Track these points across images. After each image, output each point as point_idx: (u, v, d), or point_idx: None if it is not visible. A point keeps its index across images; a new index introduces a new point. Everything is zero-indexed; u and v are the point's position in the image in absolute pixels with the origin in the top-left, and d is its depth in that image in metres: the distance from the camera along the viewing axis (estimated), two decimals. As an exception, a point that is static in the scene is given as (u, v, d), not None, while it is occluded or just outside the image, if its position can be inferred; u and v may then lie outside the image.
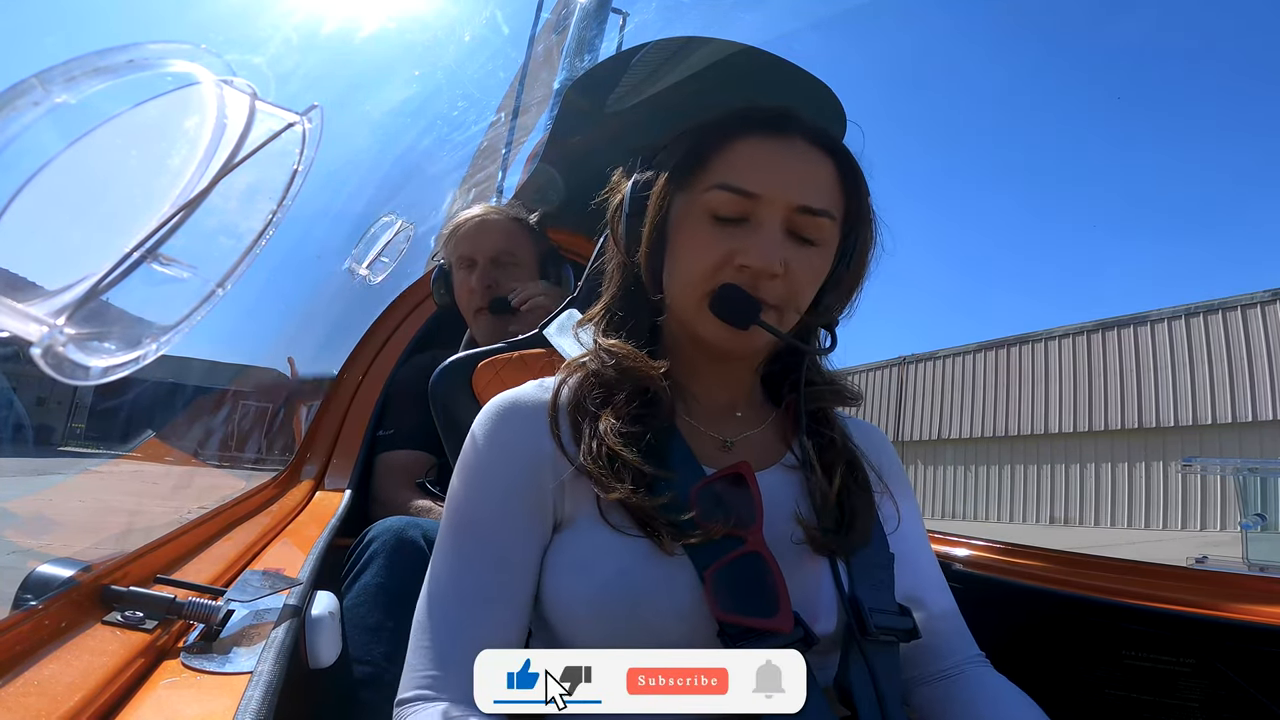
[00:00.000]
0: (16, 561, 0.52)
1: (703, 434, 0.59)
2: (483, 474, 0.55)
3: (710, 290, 0.55)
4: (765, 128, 0.56)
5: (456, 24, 1.49)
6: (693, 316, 0.57)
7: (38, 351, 0.29)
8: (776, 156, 0.55)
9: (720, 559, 0.50)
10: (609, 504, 0.52)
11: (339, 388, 1.32)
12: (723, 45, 0.65)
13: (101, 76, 0.34)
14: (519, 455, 0.55)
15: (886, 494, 0.62)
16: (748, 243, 0.54)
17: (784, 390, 0.64)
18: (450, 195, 1.65)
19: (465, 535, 0.54)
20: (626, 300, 0.61)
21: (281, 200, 0.36)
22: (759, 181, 0.54)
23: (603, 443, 0.53)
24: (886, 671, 0.52)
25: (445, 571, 0.53)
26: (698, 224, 0.56)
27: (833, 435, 0.61)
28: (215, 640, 0.52)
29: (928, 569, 0.64)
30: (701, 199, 0.56)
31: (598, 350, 0.59)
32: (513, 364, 0.73)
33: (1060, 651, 0.90)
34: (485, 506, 0.54)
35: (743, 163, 0.55)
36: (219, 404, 1.26)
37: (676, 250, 0.57)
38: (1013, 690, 0.59)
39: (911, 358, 15.14)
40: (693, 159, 0.57)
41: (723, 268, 0.55)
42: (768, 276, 0.54)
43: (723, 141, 0.56)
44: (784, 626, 0.49)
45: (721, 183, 0.55)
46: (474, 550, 0.53)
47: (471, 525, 0.54)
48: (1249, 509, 7.30)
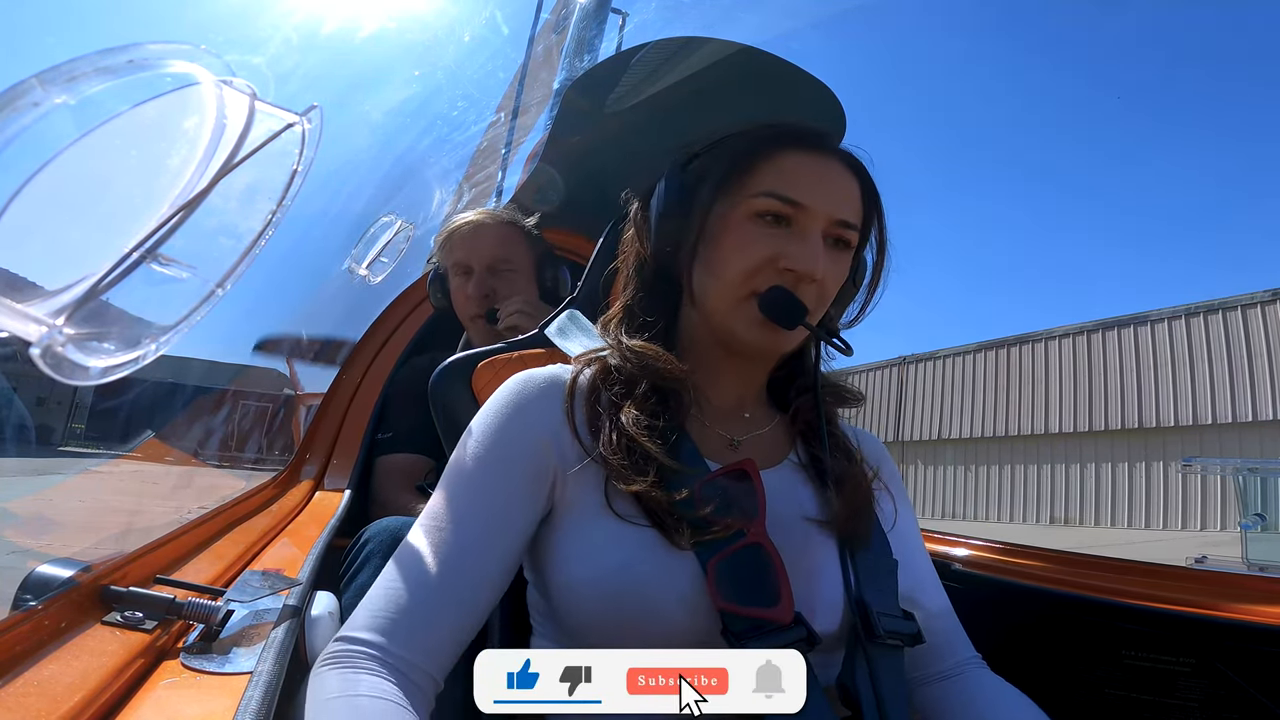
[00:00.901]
0: (16, 561, 0.52)
1: (711, 432, 0.61)
2: (490, 435, 0.57)
3: (753, 289, 0.57)
4: (808, 144, 0.60)
5: (456, 24, 1.49)
6: (729, 313, 0.59)
7: (37, 352, 0.29)
8: (819, 172, 0.59)
9: (723, 550, 0.51)
10: (617, 494, 0.53)
11: (338, 388, 1.32)
12: (722, 45, 0.66)
13: (101, 77, 0.34)
14: (529, 426, 0.57)
15: (885, 491, 0.63)
16: (793, 247, 0.57)
17: (790, 394, 0.66)
18: (441, 195, 1.65)
19: (459, 488, 0.55)
20: (649, 299, 0.63)
21: (281, 200, 0.36)
22: (805, 193, 0.57)
23: (624, 434, 0.55)
24: (891, 675, 0.53)
25: (431, 521, 0.54)
26: (742, 225, 0.58)
27: (836, 437, 0.64)
28: (215, 640, 0.52)
29: (924, 571, 0.65)
30: (748, 203, 0.58)
31: (622, 349, 0.60)
32: (512, 364, 0.73)
33: (1060, 651, 0.90)
34: (485, 466, 0.55)
35: (789, 174, 0.58)
36: (219, 404, 1.26)
37: (719, 248, 0.59)
38: (1013, 691, 0.60)
39: (911, 358, 15.14)
40: (740, 165, 0.59)
41: (765, 268, 0.57)
42: (809, 280, 0.57)
43: (770, 152, 0.59)
44: (784, 617, 0.50)
45: (770, 190, 0.58)
46: (465, 505, 0.54)
47: (467, 480, 0.55)
48: (1249, 509, 7.30)
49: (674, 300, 0.64)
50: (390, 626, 0.49)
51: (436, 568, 0.51)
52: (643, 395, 0.57)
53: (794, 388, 0.66)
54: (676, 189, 0.62)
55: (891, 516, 0.63)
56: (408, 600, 0.50)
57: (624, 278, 0.67)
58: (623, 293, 0.66)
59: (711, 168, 0.61)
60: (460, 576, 0.51)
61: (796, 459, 0.63)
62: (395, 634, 0.49)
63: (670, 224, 0.61)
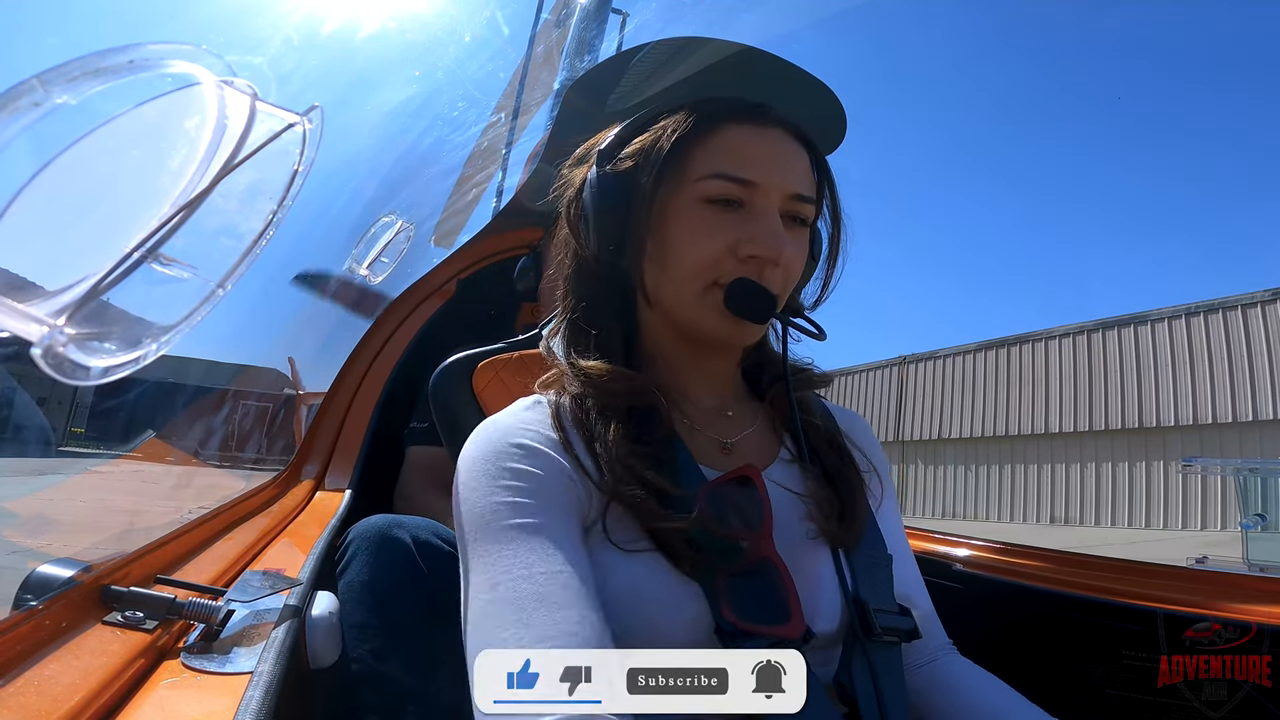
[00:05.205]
0: (16, 561, 0.52)
1: (701, 436, 0.58)
2: (516, 479, 0.50)
3: (714, 280, 0.54)
4: (746, 117, 0.55)
5: (456, 24, 1.50)
6: (691, 308, 0.55)
7: (38, 352, 0.29)
8: (766, 145, 0.55)
9: (730, 568, 0.49)
10: (616, 519, 0.50)
11: (339, 387, 1.32)
12: (722, 45, 0.65)
13: (102, 77, 0.34)
14: (552, 463, 0.51)
15: (873, 473, 0.63)
16: (751, 230, 0.53)
17: (763, 382, 0.64)
18: (441, 195, 1.65)
19: (515, 536, 0.48)
20: (593, 308, 0.58)
21: (282, 200, 0.36)
22: (755, 170, 0.53)
23: (615, 459, 0.51)
24: (889, 671, 0.52)
25: (504, 575, 0.46)
26: (692, 212, 0.54)
27: (817, 422, 0.62)
28: (215, 640, 0.52)
29: (906, 559, 0.64)
30: (694, 187, 0.54)
31: (575, 373, 0.56)
32: (512, 364, 0.73)
33: (1060, 651, 0.90)
34: (529, 506, 0.49)
35: (733, 151, 0.54)
36: (219, 404, 1.27)
37: (669, 241, 0.55)
38: (985, 674, 0.60)
39: (911, 358, 15.14)
40: (679, 147, 0.55)
41: (725, 258, 0.53)
42: (773, 264, 0.53)
43: (709, 129, 0.55)
44: (794, 633, 0.48)
45: (717, 171, 0.53)
46: (535, 547, 0.47)
47: (518, 526, 0.48)
48: (1249, 509, 7.30)
49: (626, 303, 0.59)
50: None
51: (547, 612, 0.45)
52: (623, 418, 0.53)
53: (765, 376, 0.63)
54: (610, 180, 0.56)
55: (879, 497, 0.62)
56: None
57: (563, 284, 0.60)
58: (560, 303, 0.61)
59: (647, 153, 0.56)
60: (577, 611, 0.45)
61: (787, 454, 0.60)
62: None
63: (609, 219, 0.56)
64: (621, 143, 0.58)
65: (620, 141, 0.58)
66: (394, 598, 0.80)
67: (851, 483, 0.58)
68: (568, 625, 0.44)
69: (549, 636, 0.44)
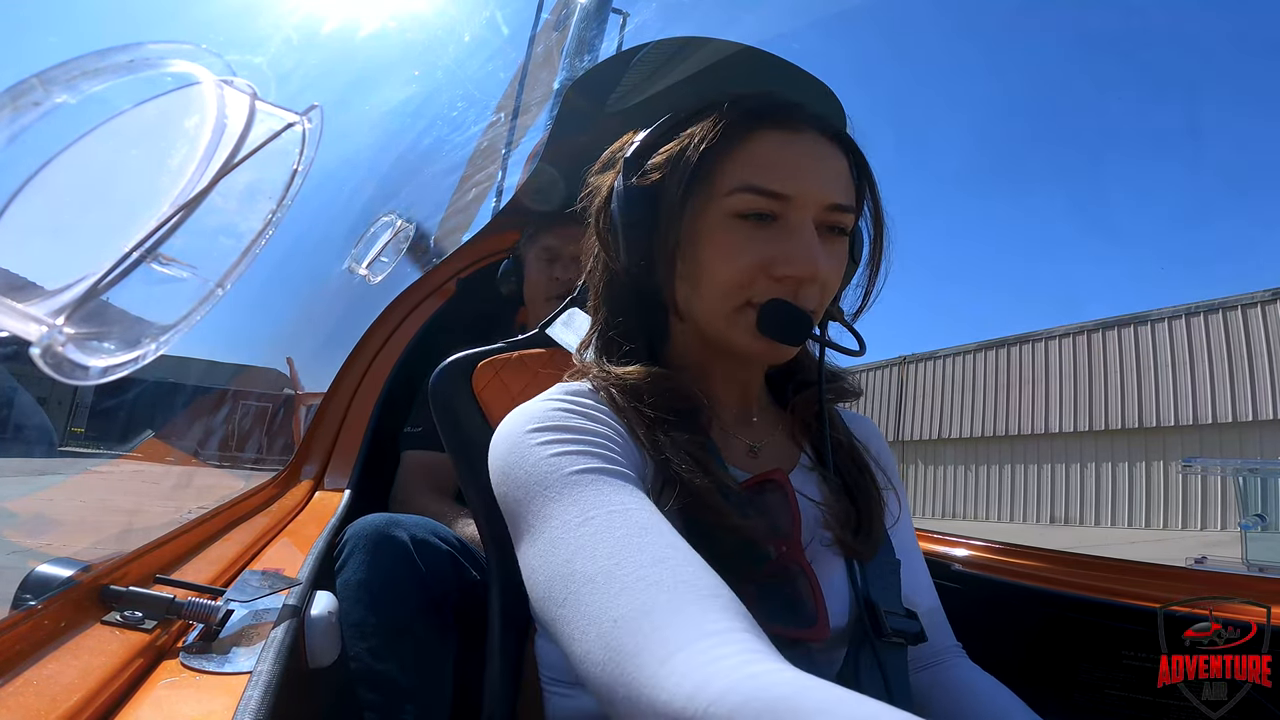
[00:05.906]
0: (16, 561, 0.52)
1: (731, 439, 0.58)
2: (578, 434, 0.47)
3: (747, 299, 0.51)
4: (777, 122, 0.52)
5: (456, 24, 1.50)
6: (724, 329, 0.53)
7: (37, 351, 0.28)
8: (797, 153, 0.51)
9: (762, 571, 0.49)
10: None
11: (339, 387, 1.32)
12: (722, 45, 0.65)
13: (102, 76, 0.34)
14: (611, 427, 0.49)
15: (890, 489, 0.62)
16: (786, 248, 0.50)
17: (789, 391, 0.63)
18: (441, 195, 1.65)
19: (593, 480, 0.43)
20: (628, 323, 0.57)
21: (281, 200, 0.36)
22: (788, 181, 0.50)
23: (686, 452, 0.50)
24: (896, 671, 0.53)
25: (597, 509, 0.41)
26: (722, 228, 0.51)
27: (839, 436, 0.62)
28: (215, 640, 0.52)
29: (918, 564, 0.65)
30: (723, 202, 0.51)
31: (615, 378, 0.54)
32: (512, 364, 0.73)
33: (1060, 651, 0.90)
34: (600, 455, 0.45)
35: (764, 161, 0.51)
36: (219, 404, 1.27)
37: (700, 259, 0.52)
38: (989, 678, 0.61)
39: (911, 358, 15.13)
40: (706, 159, 0.52)
41: (758, 277, 0.51)
42: (810, 282, 0.51)
43: (735, 139, 0.52)
44: (820, 636, 0.49)
45: (746, 184, 0.50)
46: (621, 487, 0.43)
47: (595, 470, 0.44)
48: (1249, 509, 7.30)
49: (659, 317, 0.58)
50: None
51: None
52: (667, 411, 0.52)
53: (792, 383, 0.63)
54: (638, 193, 0.54)
55: (896, 511, 0.62)
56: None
57: (595, 296, 0.59)
58: (594, 316, 0.60)
59: (674, 164, 0.53)
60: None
61: (807, 461, 0.61)
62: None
63: (638, 234, 0.54)
64: (648, 150, 0.55)
65: (647, 149, 0.55)
66: (391, 596, 0.80)
67: (870, 498, 0.58)
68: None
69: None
